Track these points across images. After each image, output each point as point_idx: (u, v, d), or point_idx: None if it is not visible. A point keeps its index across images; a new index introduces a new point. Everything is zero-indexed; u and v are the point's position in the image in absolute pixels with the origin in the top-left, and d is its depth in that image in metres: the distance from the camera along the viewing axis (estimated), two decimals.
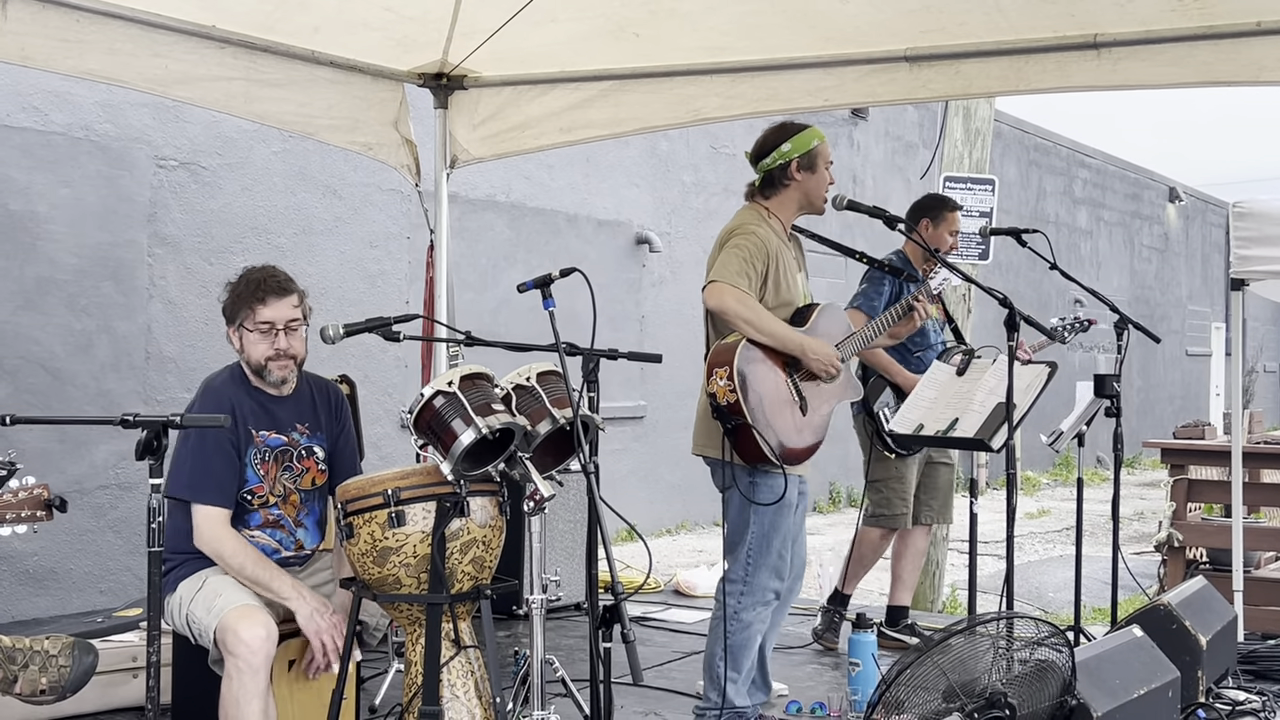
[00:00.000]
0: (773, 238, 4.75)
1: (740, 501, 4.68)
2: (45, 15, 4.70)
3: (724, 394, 4.51)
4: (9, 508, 3.17)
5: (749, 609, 4.73)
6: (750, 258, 4.63)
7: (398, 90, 6.20)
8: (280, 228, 8.05)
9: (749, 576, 4.72)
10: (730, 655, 4.71)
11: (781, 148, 4.80)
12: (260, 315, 4.09)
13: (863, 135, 14.69)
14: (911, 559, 6.50)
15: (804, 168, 4.81)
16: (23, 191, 6.73)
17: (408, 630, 3.88)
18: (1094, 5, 4.81)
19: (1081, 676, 3.96)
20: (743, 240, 4.67)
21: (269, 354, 4.10)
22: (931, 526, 6.58)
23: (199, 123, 7.51)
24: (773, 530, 4.71)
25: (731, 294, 4.56)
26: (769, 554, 4.72)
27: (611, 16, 5.36)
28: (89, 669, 3.32)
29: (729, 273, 4.59)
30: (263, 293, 4.09)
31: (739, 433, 4.56)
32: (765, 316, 4.60)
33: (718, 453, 4.69)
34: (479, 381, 3.78)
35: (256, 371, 4.15)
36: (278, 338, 4.10)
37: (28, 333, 6.74)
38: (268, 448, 4.15)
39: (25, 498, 3.20)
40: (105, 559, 7.01)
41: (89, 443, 6.88)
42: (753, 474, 4.66)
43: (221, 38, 5.29)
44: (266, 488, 4.13)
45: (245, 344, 4.13)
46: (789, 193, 4.84)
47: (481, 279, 9.48)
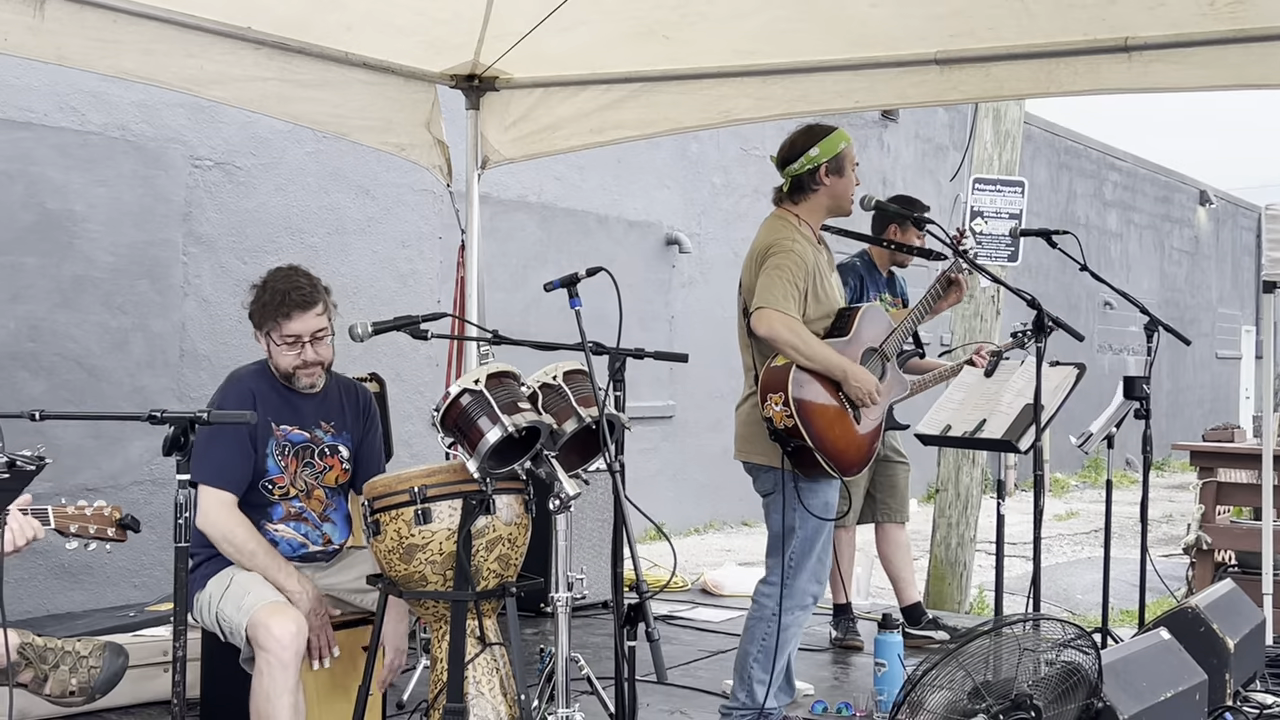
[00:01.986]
0: (808, 249, 4.71)
1: (787, 505, 4.66)
2: (82, 15, 4.71)
3: (781, 419, 4.50)
4: (78, 520, 3.18)
5: (788, 612, 4.70)
6: (792, 278, 4.59)
7: (430, 91, 6.20)
8: (314, 227, 8.07)
9: (790, 580, 4.69)
10: (764, 657, 4.69)
11: (810, 153, 4.74)
12: (286, 330, 4.09)
13: (893, 137, 14.63)
14: (900, 556, 6.47)
15: (832, 172, 4.77)
16: (60, 190, 6.76)
17: (433, 627, 3.88)
18: (1125, 8, 4.75)
19: (1108, 679, 3.91)
20: (783, 260, 4.62)
21: (296, 364, 4.13)
22: (903, 524, 6.51)
23: (234, 123, 7.53)
24: (816, 535, 4.68)
25: (780, 321, 4.53)
26: (811, 558, 4.70)
27: (642, 19, 5.33)
28: (119, 671, 3.32)
29: (775, 298, 4.55)
30: (288, 307, 4.08)
31: (800, 454, 4.55)
32: (812, 343, 4.57)
33: (765, 459, 4.66)
34: (506, 380, 3.77)
35: (285, 378, 4.17)
36: (304, 349, 4.11)
37: (64, 330, 6.77)
38: (289, 442, 4.15)
39: (93, 514, 3.21)
40: (139, 553, 7.03)
41: (123, 439, 6.91)
42: (801, 481, 4.64)
43: (256, 39, 5.29)
44: (287, 480, 4.13)
45: (273, 353, 4.15)
46: (818, 197, 4.80)
47: (512, 279, 9.48)
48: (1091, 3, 4.73)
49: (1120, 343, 19.77)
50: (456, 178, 6.43)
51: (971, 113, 9.01)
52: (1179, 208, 23.21)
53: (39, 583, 6.61)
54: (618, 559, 4.02)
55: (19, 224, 6.58)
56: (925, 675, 3.77)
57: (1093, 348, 18.40)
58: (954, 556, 8.27)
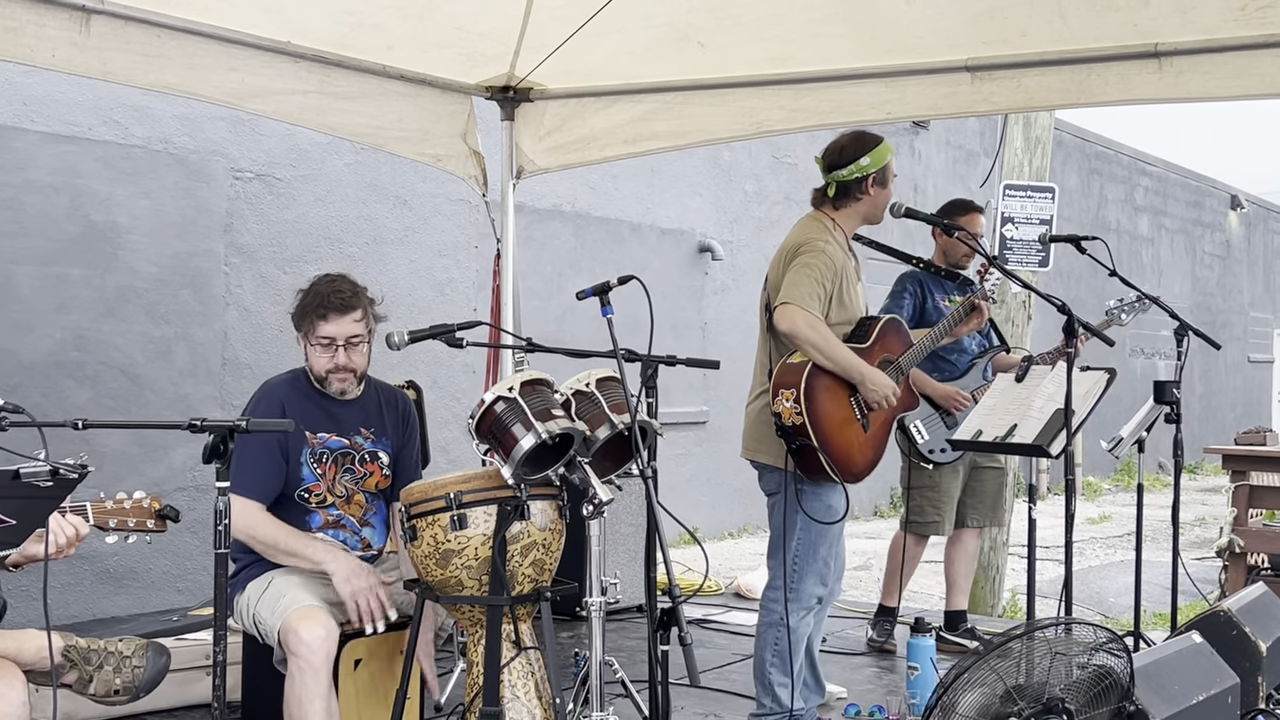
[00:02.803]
0: (838, 253, 4.69)
1: (790, 508, 4.65)
2: (126, 31, 4.74)
3: (789, 415, 4.48)
4: (117, 514, 3.20)
5: (794, 614, 4.68)
6: (820, 278, 4.57)
7: (466, 103, 6.22)
8: (352, 237, 8.10)
9: (795, 583, 4.68)
10: (780, 660, 4.67)
11: (860, 161, 4.71)
12: (320, 331, 4.12)
13: (924, 144, 14.58)
14: (964, 563, 6.42)
15: (877, 183, 4.76)
16: (104, 202, 6.81)
17: (469, 631, 3.88)
18: (1156, 13, 4.71)
19: (1140, 682, 3.88)
20: (812, 259, 4.60)
21: (328, 367, 4.15)
22: (981, 530, 6.48)
23: (274, 135, 7.57)
24: (820, 538, 4.66)
25: (803, 318, 4.51)
26: (815, 561, 4.68)
27: (677, 24, 5.33)
28: (161, 671, 3.34)
29: (800, 295, 4.53)
30: (324, 309, 4.12)
31: (803, 452, 4.53)
32: (833, 343, 4.55)
33: (770, 459, 4.66)
34: (539, 387, 3.77)
35: (318, 381, 4.19)
36: (337, 353, 4.13)
37: (109, 339, 6.82)
38: (326, 449, 4.17)
39: (132, 507, 3.22)
40: (182, 559, 7.07)
41: (167, 446, 6.95)
42: (803, 482, 4.62)
43: (296, 53, 5.33)
44: (324, 487, 4.14)
45: (308, 354, 4.18)
46: (858, 206, 4.78)
47: (547, 287, 9.49)
48: (1124, 5, 4.70)
49: (1152, 347, 19.62)
50: (492, 188, 6.44)
51: (1002, 120, 8.97)
52: (1210, 212, 23.02)
53: (85, 587, 6.66)
54: (651, 563, 4.02)
55: (64, 235, 6.63)
56: (957, 679, 3.74)
57: (1124, 352, 18.27)
58: (987, 560, 8.22)
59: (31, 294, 6.50)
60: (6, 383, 6.28)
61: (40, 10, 4.46)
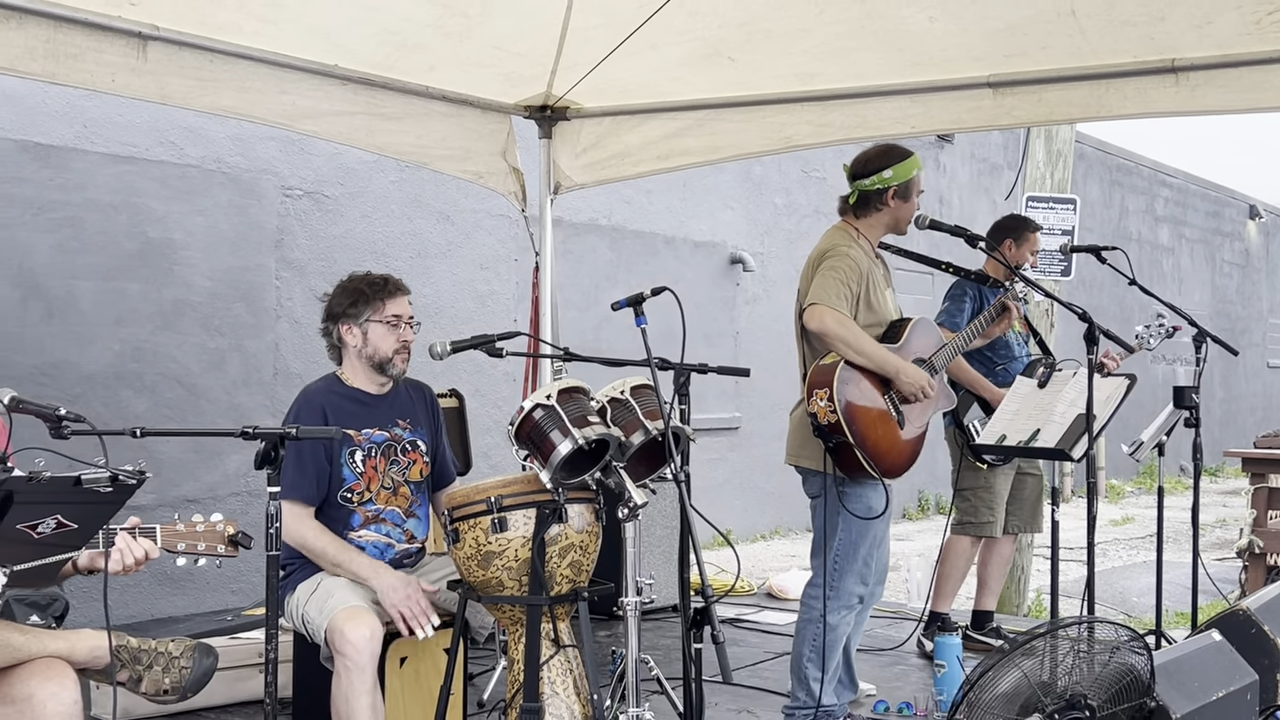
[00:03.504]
0: (864, 258, 4.70)
1: (831, 510, 4.64)
2: (182, 56, 4.78)
3: (824, 414, 4.48)
4: (187, 538, 3.20)
5: (834, 612, 4.67)
6: (845, 279, 4.58)
7: (505, 122, 6.24)
8: (397, 251, 8.14)
9: (835, 582, 4.67)
10: (817, 656, 4.66)
11: (883, 173, 4.73)
12: (390, 309, 4.17)
13: (949, 158, 14.52)
14: (998, 566, 6.37)
15: (899, 196, 4.76)
16: (161, 220, 6.86)
17: (510, 630, 3.89)
18: (1173, 27, 4.68)
19: (1161, 679, 3.85)
20: (837, 263, 4.62)
21: (395, 346, 4.18)
22: (1017, 536, 6.44)
23: (322, 154, 7.61)
24: (860, 538, 4.65)
25: (831, 316, 4.51)
26: (855, 560, 4.67)
27: (709, 39, 5.33)
28: (208, 671, 3.35)
29: (828, 295, 4.54)
30: (391, 289, 4.20)
31: (840, 450, 4.52)
32: (863, 338, 4.55)
33: (812, 463, 4.65)
34: (576, 395, 3.78)
35: (380, 365, 4.20)
36: (403, 330, 4.17)
37: (166, 351, 6.87)
38: (373, 444, 4.18)
39: (205, 530, 3.21)
40: (236, 561, 7.01)
41: (221, 453, 6.99)
42: (845, 484, 4.61)
43: (344, 75, 5.36)
44: (364, 484, 4.15)
45: (371, 337, 4.18)
46: (880, 216, 4.79)
47: (584, 298, 9.51)
48: (1141, 20, 4.67)
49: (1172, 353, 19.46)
50: (531, 203, 6.46)
51: (1024, 134, 8.95)
52: (1229, 222, 22.82)
53: (143, 589, 6.71)
54: (685, 564, 4.02)
55: (123, 252, 6.69)
56: (983, 676, 3.73)
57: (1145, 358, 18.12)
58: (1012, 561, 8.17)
59: (92, 308, 6.56)
60: (68, 393, 6.34)
61: (100, 37, 4.50)
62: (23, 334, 6.29)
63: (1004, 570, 6.46)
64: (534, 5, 5.06)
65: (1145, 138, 65.95)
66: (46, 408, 2.90)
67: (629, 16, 5.05)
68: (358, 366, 4.23)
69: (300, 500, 4.05)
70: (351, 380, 4.24)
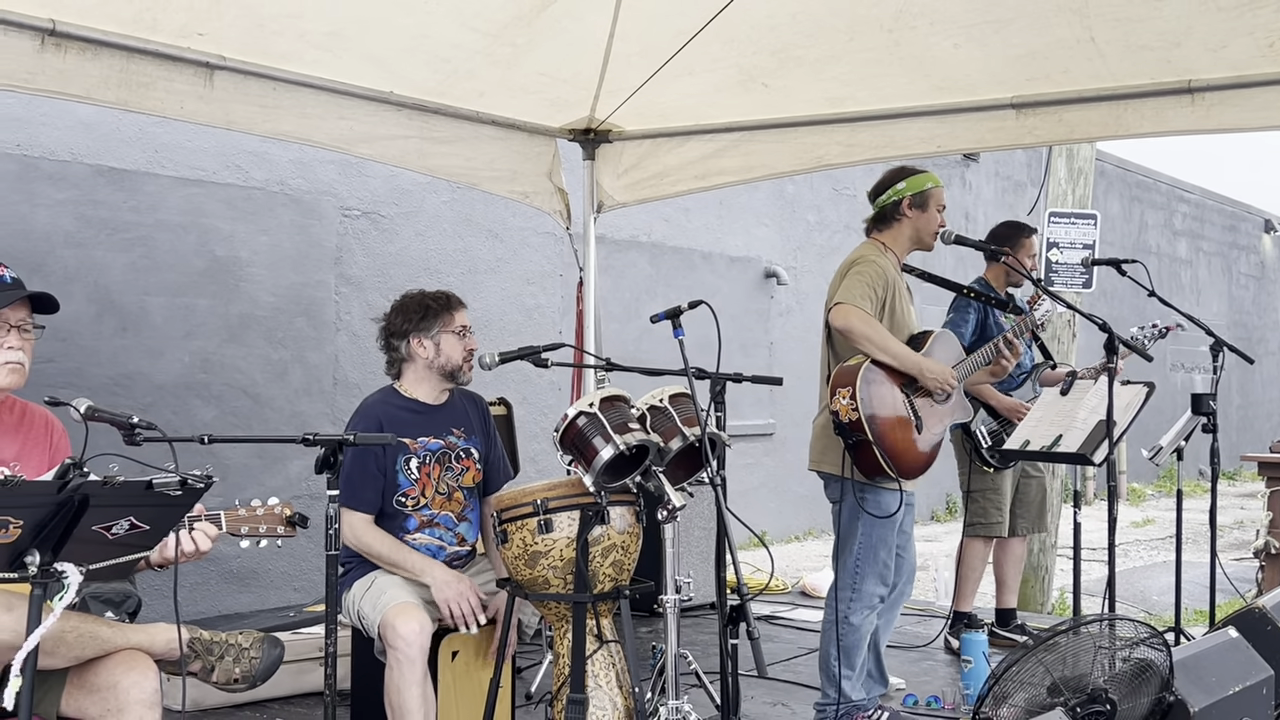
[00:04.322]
0: (890, 269, 4.69)
1: (851, 514, 4.62)
2: (246, 85, 4.82)
3: (846, 412, 4.45)
4: (251, 521, 3.24)
5: (857, 613, 4.65)
6: (872, 283, 4.58)
7: (551, 144, 6.26)
8: (449, 268, 8.17)
9: (857, 584, 4.64)
10: (844, 655, 4.64)
11: (896, 186, 4.76)
12: (458, 320, 4.24)
13: (974, 176, 14.44)
14: (1013, 564, 6.35)
15: (915, 205, 4.76)
16: (227, 239, 6.93)
17: (556, 626, 3.89)
18: (1189, 51, 4.65)
19: (1179, 674, 3.81)
20: (864, 268, 4.62)
21: (464, 355, 4.22)
22: (1028, 536, 6.39)
23: (379, 176, 7.66)
24: (879, 542, 4.62)
25: (857, 314, 4.50)
26: (876, 563, 4.64)
27: (743, 66, 5.33)
28: (276, 661, 3.37)
29: (854, 295, 4.54)
30: (455, 302, 4.27)
31: (859, 448, 4.50)
32: (887, 336, 4.53)
33: (833, 468, 4.63)
34: (617, 403, 3.78)
35: (452, 373, 4.23)
36: (469, 339, 4.23)
37: (232, 362, 6.93)
38: (428, 452, 4.20)
39: (265, 514, 3.26)
40: (298, 560, 7.16)
41: (284, 459, 7.04)
42: (864, 489, 4.59)
43: (398, 102, 5.39)
44: (418, 490, 4.17)
45: (444, 348, 4.22)
46: (900, 228, 4.78)
47: (625, 311, 9.51)
48: (1158, 44, 4.64)
49: (1191, 361, 19.26)
50: (575, 221, 6.48)
51: (1047, 152, 8.89)
52: (1245, 235, 22.57)
53: (211, 586, 6.76)
54: (721, 564, 4.01)
55: (192, 269, 6.76)
56: (1008, 671, 3.70)
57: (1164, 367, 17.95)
58: (1036, 561, 8.11)
59: (163, 322, 6.63)
60: (141, 402, 6.41)
61: (169, 67, 4.55)
62: (98, 347, 6.36)
63: (1019, 568, 6.43)
64: (578, 34, 5.08)
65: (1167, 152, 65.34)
66: (120, 416, 2.94)
67: (667, 44, 5.06)
68: (424, 377, 4.26)
69: (361, 509, 4.08)
70: (410, 391, 4.27)
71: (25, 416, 3.35)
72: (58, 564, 2.60)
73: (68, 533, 2.59)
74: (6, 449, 3.25)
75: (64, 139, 6.28)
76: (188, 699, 3.09)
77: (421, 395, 4.26)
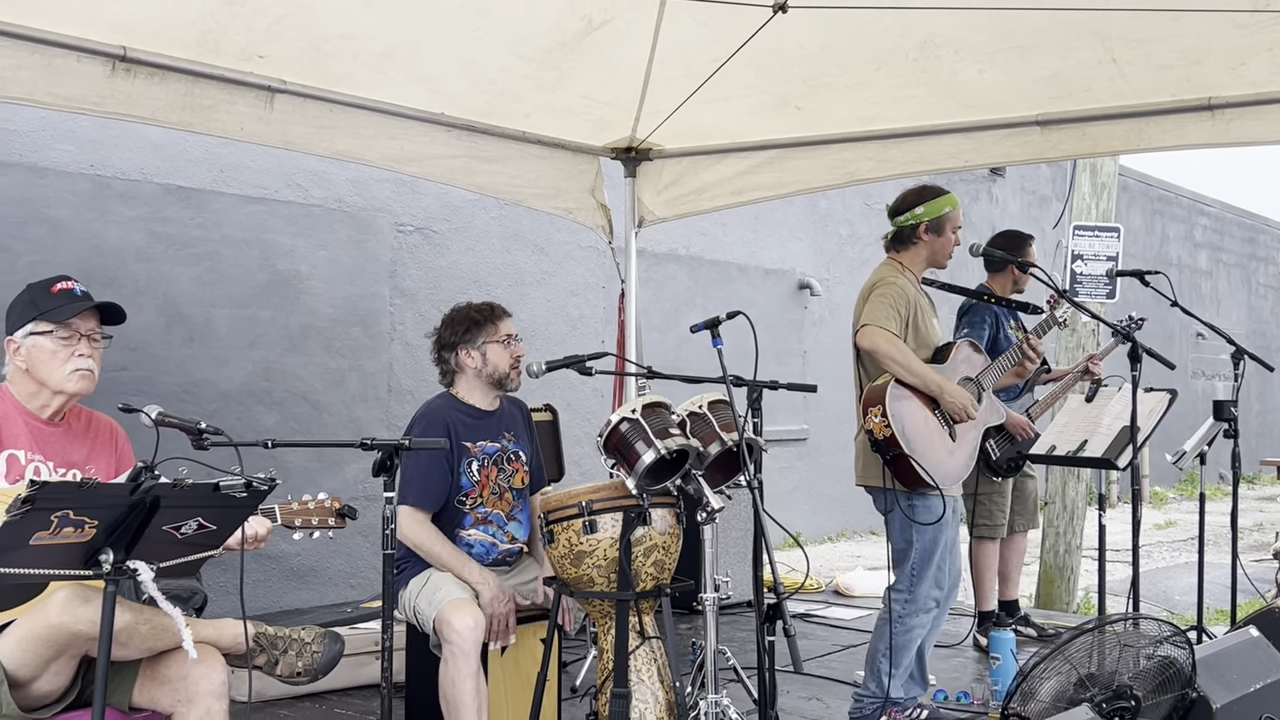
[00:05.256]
0: (910, 287, 4.67)
1: (902, 523, 4.58)
2: (304, 107, 4.86)
3: (880, 429, 4.43)
4: (304, 514, 3.28)
5: (912, 615, 4.61)
6: (895, 304, 4.56)
7: (594, 163, 6.27)
8: (497, 280, 8.20)
9: (913, 588, 4.61)
10: (894, 654, 4.61)
11: (915, 210, 4.72)
12: (503, 329, 4.26)
13: (1000, 190, 14.35)
14: (1016, 559, 6.39)
15: (931, 230, 4.73)
16: (288, 254, 6.98)
17: (600, 623, 3.89)
18: (1208, 69, 4.61)
19: (1202, 672, 3.77)
20: (887, 290, 4.61)
21: (511, 362, 4.24)
22: (1027, 532, 6.37)
23: (431, 194, 7.70)
24: (933, 546, 4.59)
25: (882, 336, 4.48)
26: (930, 567, 4.60)
27: (776, 92, 5.33)
28: (336, 656, 3.40)
29: (879, 317, 4.52)
30: (499, 312, 4.30)
31: (897, 462, 4.47)
32: (911, 357, 4.51)
33: (879, 481, 4.59)
34: (658, 409, 3.78)
35: (500, 381, 4.26)
36: (516, 347, 4.24)
37: (293, 371, 6.98)
38: (485, 454, 4.22)
39: (315, 507, 3.30)
40: (355, 559, 7.20)
41: (341, 462, 7.09)
42: (911, 497, 4.56)
43: (448, 123, 5.42)
44: (477, 491, 4.19)
45: (490, 357, 4.25)
46: (917, 249, 4.76)
47: (665, 321, 9.51)
48: (1179, 64, 4.60)
49: (1212, 369, 19.02)
50: (617, 235, 6.48)
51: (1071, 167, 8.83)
52: (1264, 247, 22.29)
53: (273, 584, 6.81)
54: (758, 564, 4.00)
55: (255, 283, 6.82)
56: (1035, 668, 3.67)
57: (1186, 374, 17.74)
58: (1062, 562, 8.04)
59: (228, 333, 6.69)
60: (207, 409, 6.47)
61: (231, 90, 4.60)
62: (167, 356, 6.43)
63: (1020, 561, 6.45)
64: (619, 60, 5.09)
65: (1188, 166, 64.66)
66: (189, 422, 2.97)
67: (704, 68, 5.06)
68: (475, 385, 4.28)
69: (420, 506, 4.10)
70: (467, 398, 4.30)
71: (92, 423, 3.40)
72: (130, 562, 2.64)
73: (140, 532, 2.62)
74: (76, 453, 3.30)
75: (135, 159, 6.36)
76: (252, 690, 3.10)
77: (476, 401, 4.30)
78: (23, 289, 3.30)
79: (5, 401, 3.22)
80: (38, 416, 3.24)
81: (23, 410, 3.23)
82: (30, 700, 2.97)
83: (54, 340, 3.20)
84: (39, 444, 3.21)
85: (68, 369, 3.21)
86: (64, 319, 3.20)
